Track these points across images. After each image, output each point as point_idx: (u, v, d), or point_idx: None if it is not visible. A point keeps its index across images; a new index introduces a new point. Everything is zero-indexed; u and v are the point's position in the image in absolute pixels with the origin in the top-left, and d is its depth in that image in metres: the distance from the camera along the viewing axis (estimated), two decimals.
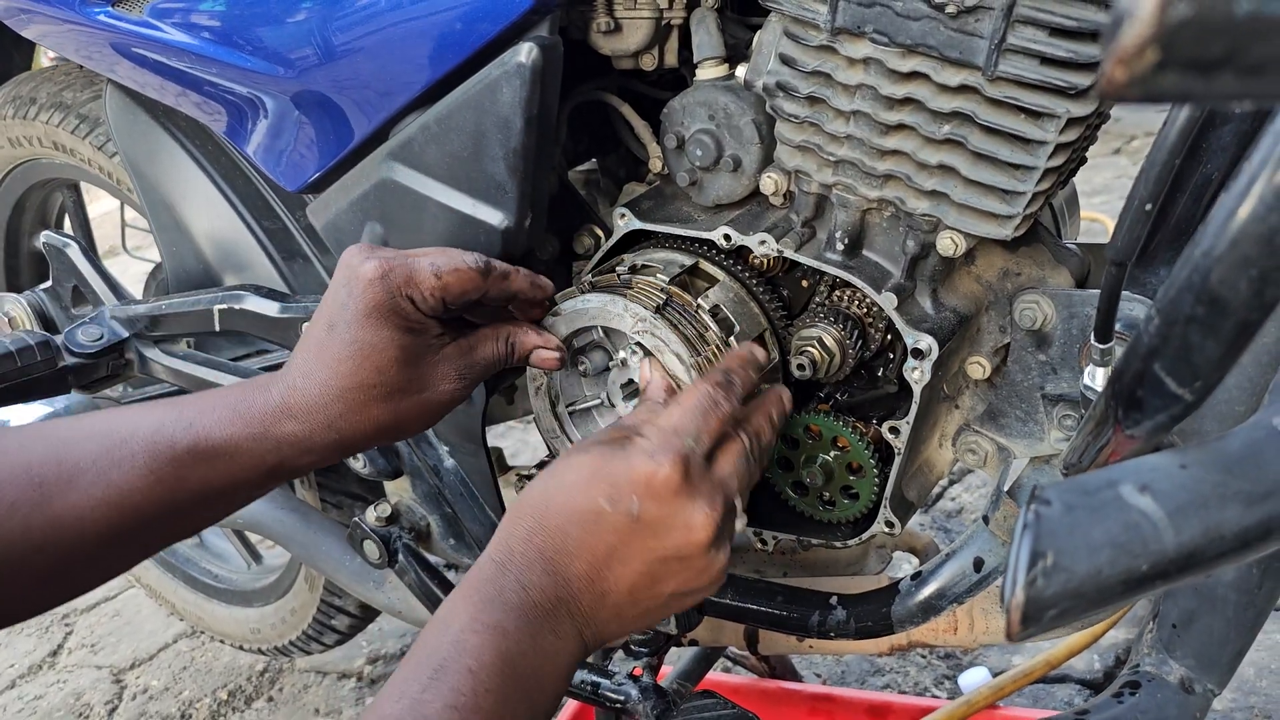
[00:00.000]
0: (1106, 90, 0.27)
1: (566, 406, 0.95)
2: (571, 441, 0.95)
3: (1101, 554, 0.44)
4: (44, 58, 1.98)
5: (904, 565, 1.83)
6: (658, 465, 0.70)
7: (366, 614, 1.72)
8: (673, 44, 0.92)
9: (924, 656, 1.75)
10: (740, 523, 0.78)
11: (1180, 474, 0.48)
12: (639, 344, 0.86)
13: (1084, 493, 0.46)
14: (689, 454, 0.72)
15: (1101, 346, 0.69)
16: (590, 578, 0.71)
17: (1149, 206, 0.57)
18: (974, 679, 1.61)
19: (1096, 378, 0.72)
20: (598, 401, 0.94)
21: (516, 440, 2.57)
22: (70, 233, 1.51)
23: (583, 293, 0.89)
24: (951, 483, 2.17)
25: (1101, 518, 0.45)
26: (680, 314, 0.86)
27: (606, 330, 0.89)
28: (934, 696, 1.67)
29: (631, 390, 0.93)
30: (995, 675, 1.56)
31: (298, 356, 0.80)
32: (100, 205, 3.58)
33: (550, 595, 0.70)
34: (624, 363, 0.91)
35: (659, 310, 0.85)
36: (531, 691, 0.67)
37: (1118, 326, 0.74)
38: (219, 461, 0.76)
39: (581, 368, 0.92)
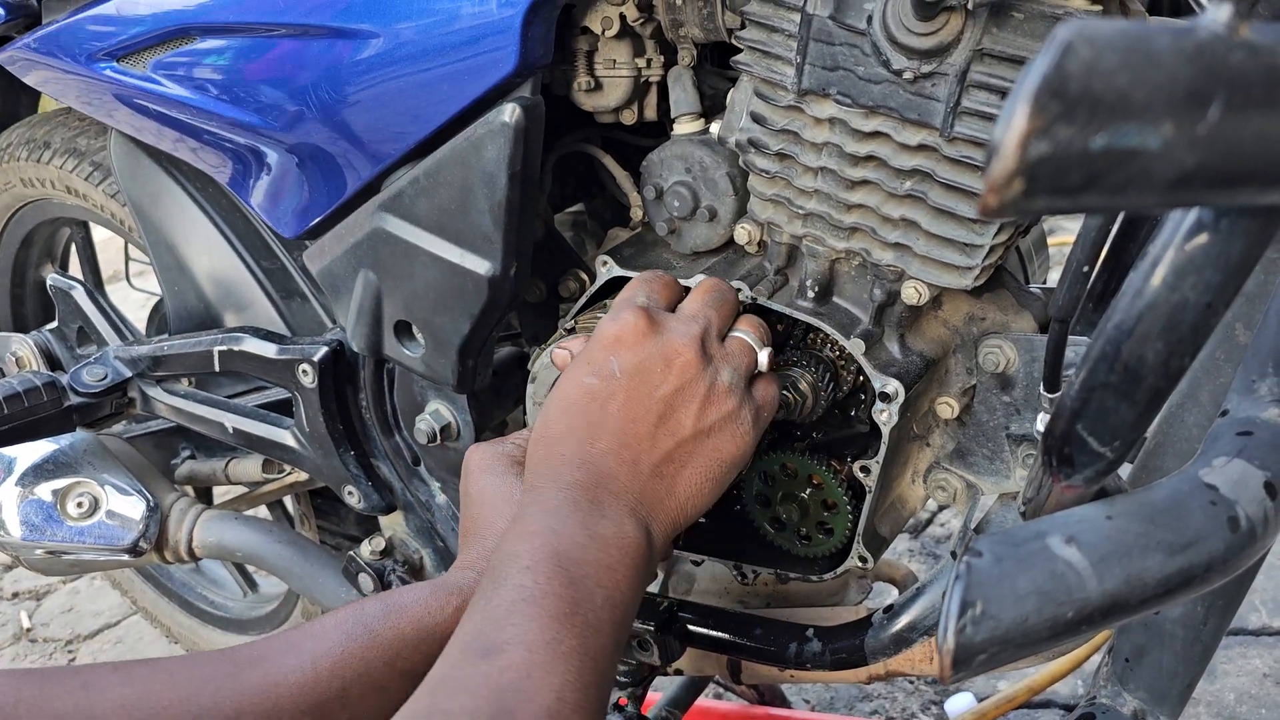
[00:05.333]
0: (984, 213, 0.31)
1: None
2: None
3: (1028, 602, 0.48)
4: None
5: (894, 594, 1.86)
6: (620, 322, 0.77)
7: None
8: (652, 99, 0.96)
9: (911, 682, 1.77)
10: (764, 355, 0.83)
11: (1106, 525, 0.51)
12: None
13: (1013, 544, 0.49)
14: (645, 305, 0.79)
15: (1050, 396, 0.73)
16: (615, 451, 0.74)
17: (1086, 268, 0.61)
18: (960, 705, 1.64)
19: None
20: None
21: None
22: (76, 275, 1.55)
23: (571, 335, 0.93)
24: (940, 508, 2.20)
25: (1028, 568, 0.48)
26: None
27: None
28: None
29: None
30: (980, 700, 1.59)
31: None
32: (106, 230, 3.62)
33: (585, 488, 0.71)
34: None
35: None
36: (601, 578, 0.66)
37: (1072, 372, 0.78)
38: (405, 610, 0.76)
39: None
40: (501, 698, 0.57)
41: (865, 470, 0.91)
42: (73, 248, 1.89)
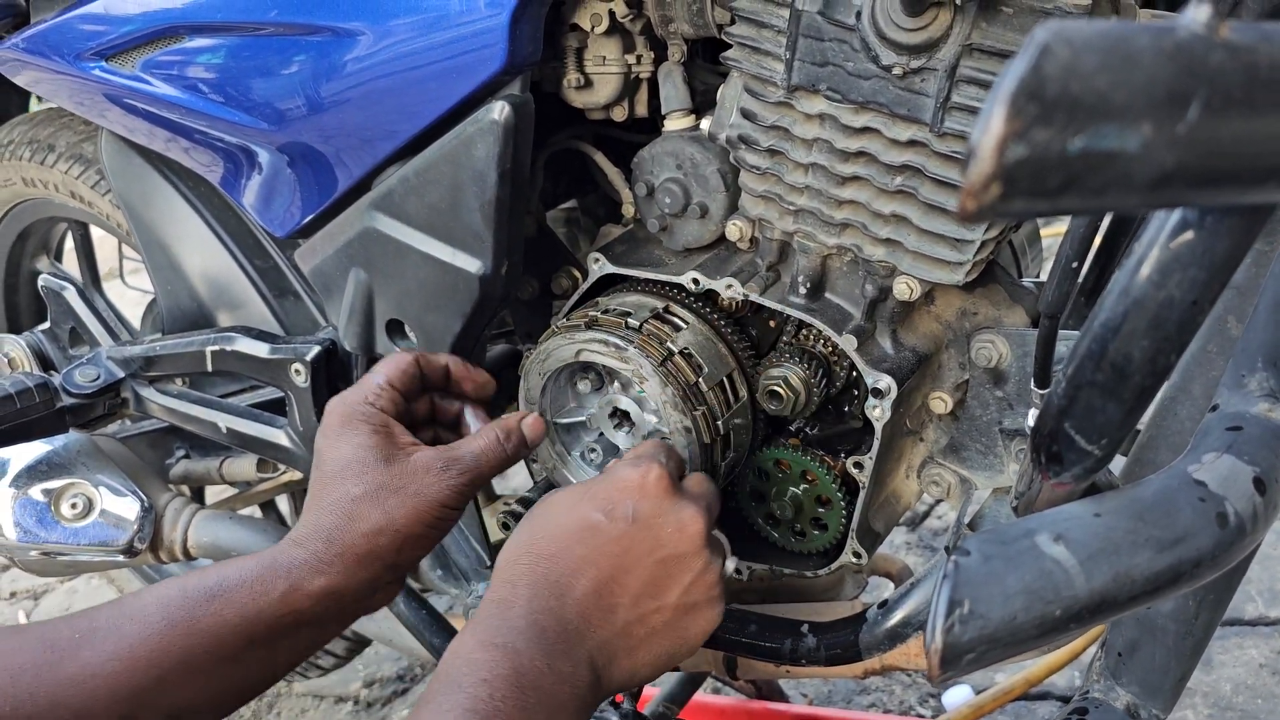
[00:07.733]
0: (963, 217, 0.31)
1: (554, 418, 0.99)
2: (555, 451, 0.99)
3: (1016, 601, 0.48)
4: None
5: (891, 588, 1.86)
6: (644, 471, 0.76)
7: (357, 643, 1.75)
8: (642, 96, 0.96)
9: (909, 675, 1.78)
10: (731, 563, 0.84)
11: (1094, 522, 0.51)
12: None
13: (1001, 543, 0.49)
14: (666, 466, 0.77)
15: (1040, 391, 0.73)
16: (597, 592, 0.73)
17: (1075, 264, 0.61)
18: (958, 697, 1.64)
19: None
20: (583, 418, 0.98)
21: None
22: (68, 275, 1.55)
23: (559, 333, 0.92)
24: (938, 501, 2.20)
25: (1016, 566, 0.48)
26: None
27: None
28: (918, 715, 1.70)
29: (619, 422, 0.96)
30: (978, 693, 1.59)
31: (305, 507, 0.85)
32: None
33: (558, 618, 0.71)
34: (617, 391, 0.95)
35: (663, 364, 0.88)
36: (552, 710, 0.67)
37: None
38: (230, 595, 0.76)
39: (582, 385, 0.97)
40: None
41: (858, 466, 0.91)
42: (68, 241, 1.88)
